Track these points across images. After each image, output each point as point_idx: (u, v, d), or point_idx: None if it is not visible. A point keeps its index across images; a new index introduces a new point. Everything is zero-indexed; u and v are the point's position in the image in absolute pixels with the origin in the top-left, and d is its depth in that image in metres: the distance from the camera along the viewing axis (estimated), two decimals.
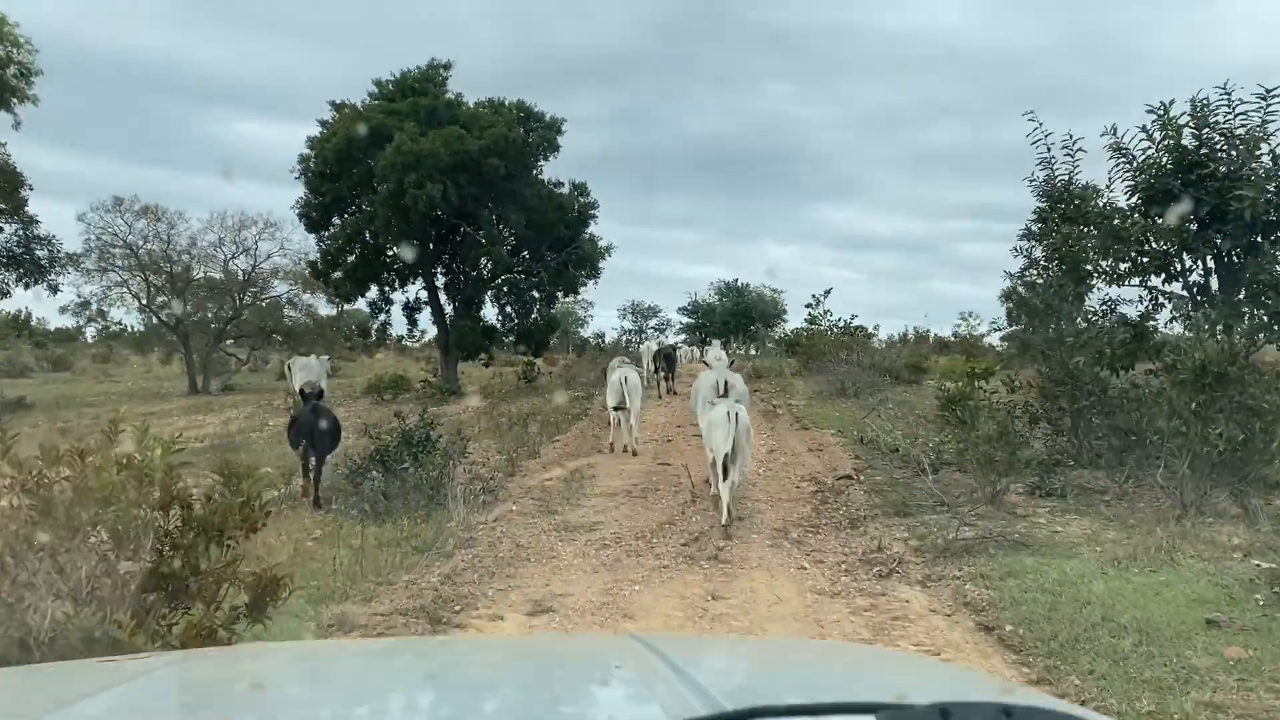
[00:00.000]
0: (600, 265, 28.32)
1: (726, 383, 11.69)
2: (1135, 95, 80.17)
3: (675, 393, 25.57)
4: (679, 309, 60.29)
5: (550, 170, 28.42)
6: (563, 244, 27.83)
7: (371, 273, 27.69)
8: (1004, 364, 17.95)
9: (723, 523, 9.11)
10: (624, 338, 64.94)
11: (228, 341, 40.70)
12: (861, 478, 12.23)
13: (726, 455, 9.19)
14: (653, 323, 67.13)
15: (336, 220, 27.88)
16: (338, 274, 27.51)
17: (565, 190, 27.91)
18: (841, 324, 36.61)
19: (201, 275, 36.11)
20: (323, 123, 27.74)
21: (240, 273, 37.26)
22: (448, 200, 25.76)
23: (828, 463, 13.61)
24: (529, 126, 26.70)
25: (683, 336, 56.61)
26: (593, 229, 28.41)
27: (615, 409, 14.82)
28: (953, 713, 0.82)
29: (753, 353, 53.81)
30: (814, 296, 37.45)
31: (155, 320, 37.14)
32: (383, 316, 30.21)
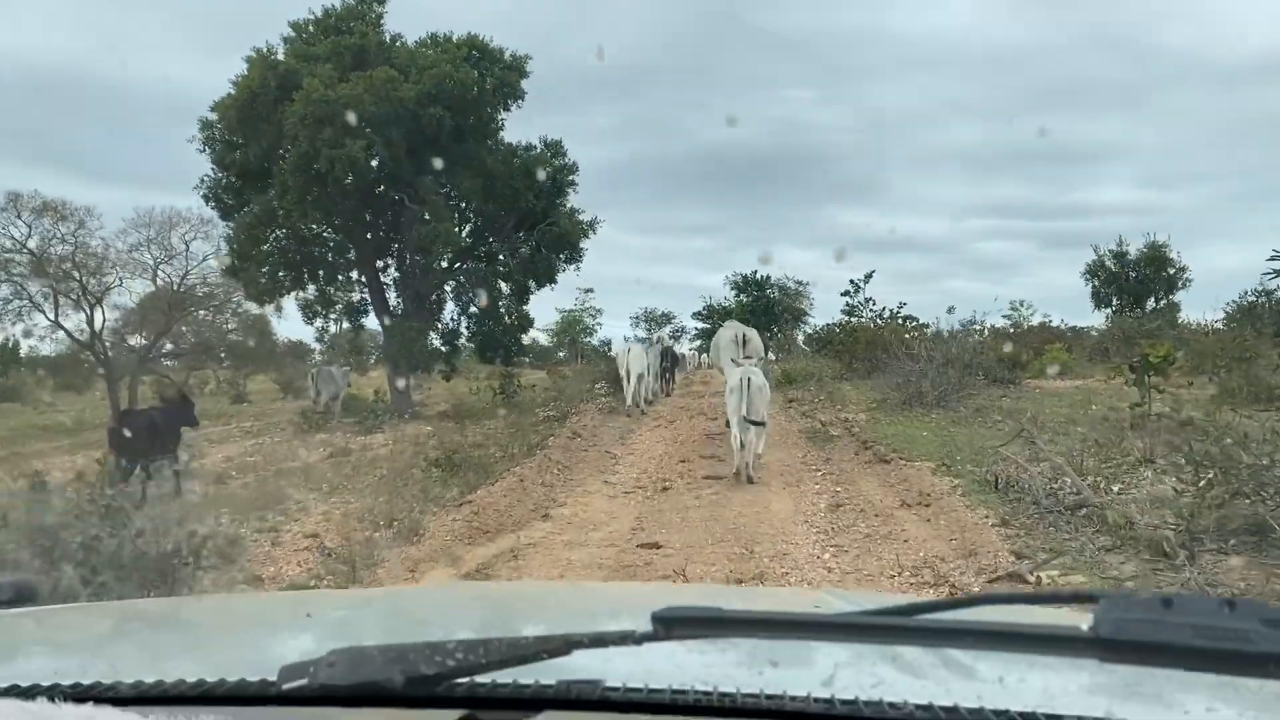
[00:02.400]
0: (582, 246, 22.14)
1: (745, 336, 13.34)
2: (1154, 87, 75.17)
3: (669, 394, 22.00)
4: (693, 314, 54.68)
5: (519, 130, 22.28)
6: (533, 220, 21.68)
7: (291, 266, 21.64)
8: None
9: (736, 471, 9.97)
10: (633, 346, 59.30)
11: (167, 362, 35.08)
12: (1043, 577, 6.00)
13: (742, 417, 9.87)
14: (667, 329, 62.30)
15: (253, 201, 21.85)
16: (251, 269, 21.49)
17: (535, 151, 21.73)
18: (887, 314, 30.28)
19: (119, 282, 30.37)
20: (234, 81, 21.74)
21: (171, 280, 31.56)
22: (376, 163, 19.71)
23: (952, 535, 7.34)
24: (483, 68, 20.59)
25: (698, 343, 51.24)
26: (571, 200, 22.23)
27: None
28: (1175, 602, 0.76)
29: (773, 357, 47.48)
30: (852, 283, 31.19)
31: (70, 339, 31.52)
32: (319, 321, 24.18)
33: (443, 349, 23.12)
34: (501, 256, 21.86)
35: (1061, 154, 73.77)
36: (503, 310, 21.91)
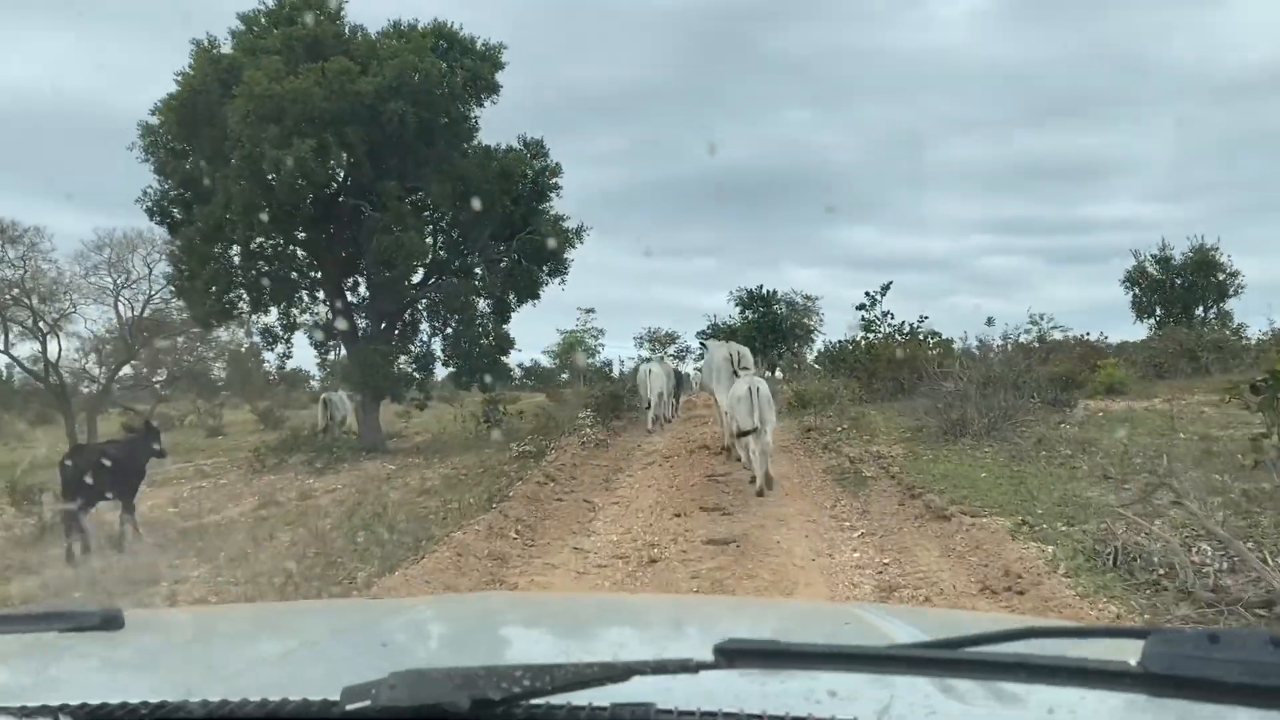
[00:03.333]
0: (567, 256, 19.68)
1: (739, 354, 12.29)
2: (1155, 100, 74.78)
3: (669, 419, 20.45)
4: (697, 333, 52.62)
5: (498, 132, 19.89)
6: (512, 229, 19.27)
7: (248, 286, 19.23)
8: None
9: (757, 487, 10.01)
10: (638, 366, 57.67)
11: (135, 393, 32.73)
12: None
13: (755, 430, 10.04)
14: (671, 349, 60.76)
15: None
16: (199, 289, 19.09)
17: (513, 152, 19.33)
18: (906, 329, 27.75)
19: (72, 308, 27.99)
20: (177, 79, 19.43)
21: (132, 306, 29.21)
22: (330, 166, 17.34)
23: None
24: (452, 59, 18.25)
25: (702, 363, 48.73)
26: (555, 205, 19.81)
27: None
28: (1221, 637, 0.80)
29: (780, 375, 44.90)
30: (868, 295, 28.68)
31: (21, 370, 29.17)
32: (280, 346, 21.72)
33: (415, 375, 20.66)
34: (479, 270, 19.40)
35: (1064, 169, 73.32)
36: (479, 330, 19.41)
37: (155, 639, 1.69)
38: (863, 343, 27.42)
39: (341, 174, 18.41)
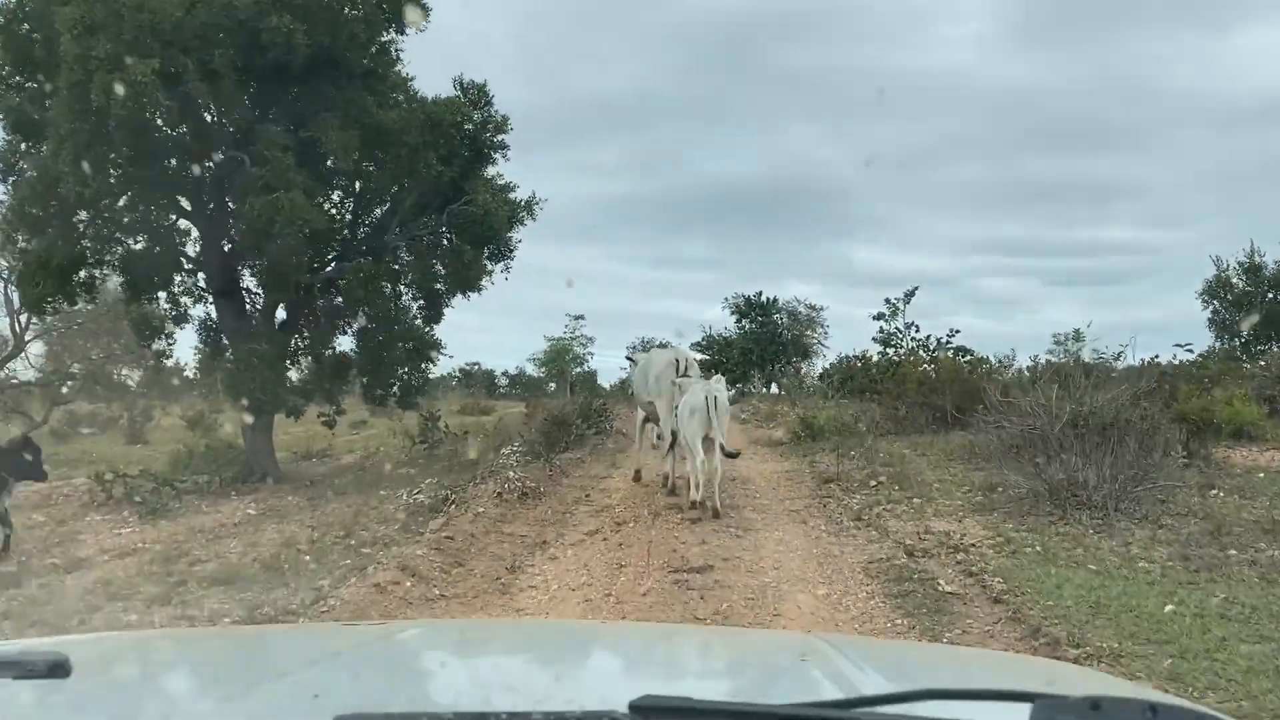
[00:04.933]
0: (513, 236, 15.11)
1: (687, 362, 10.98)
2: (1154, 128, 74.08)
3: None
4: (692, 345, 48.61)
5: (433, 76, 15.19)
6: (445, 197, 14.74)
7: (84, 260, 14.67)
8: None
9: (694, 500, 9.16)
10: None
11: (28, 393, 28.11)
12: None
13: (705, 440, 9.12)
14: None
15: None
16: (31, 262, 14.56)
17: (445, 98, 14.77)
18: (933, 344, 23.29)
19: None
20: None
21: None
22: (185, 99, 12.85)
23: None
24: None
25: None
26: (500, 169, 15.29)
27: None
28: (1103, 704, 0.83)
29: (775, 391, 40.40)
30: (888, 303, 24.18)
31: None
32: (160, 342, 17.15)
33: (317, 383, 16.11)
34: (401, 249, 14.85)
35: (1065, 192, 71.99)
36: (394, 329, 14.85)
37: (106, 687, 1.65)
38: (879, 359, 23.05)
39: (210, 114, 13.89)
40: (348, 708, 0.98)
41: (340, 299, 14.90)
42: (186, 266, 15.81)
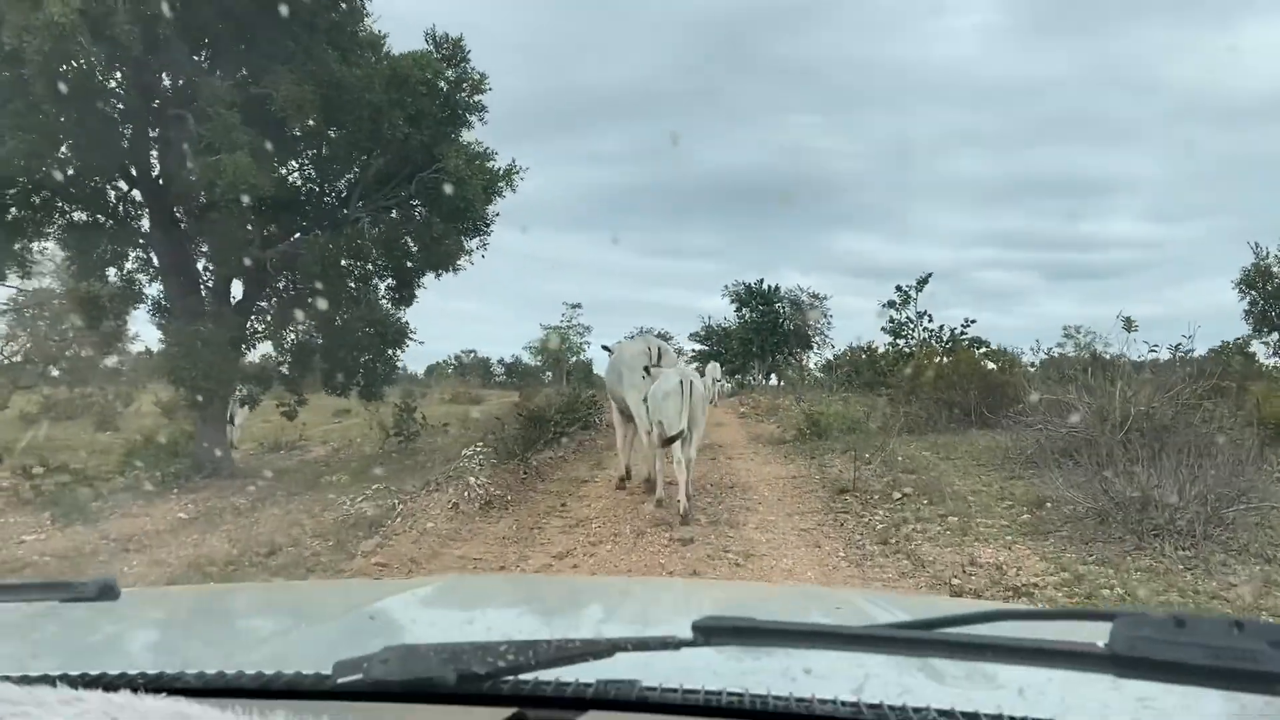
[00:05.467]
0: (490, 210, 13.57)
1: (660, 350, 9.95)
2: (1158, 121, 73.67)
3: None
4: (690, 334, 47.49)
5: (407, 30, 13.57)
6: (414, 165, 13.19)
7: (13, 228, 13.14)
8: None
9: (675, 502, 8.16)
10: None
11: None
12: None
13: (681, 433, 8.13)
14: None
15: None
16: None
17: (415, 53, 13.18)
18: (947, 334, 21.76)
19: None
20: None
21: None
22: (112, 44, 11.30)
23: None
24: None
25: (694, 365, 43.49)
26: (477, 135, 13.72)
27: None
28: (1187, 622, 0.81)
29: (774, 381, 38.88)
30: (900, 290, 22.63)
31: None
32: (113, 321, 15.67)
33: (282, 370, 14.61)
34: (364, 222, 13.29)
35: (1066, 186, 71.77)
36: (354, 311, 13.29)
37: (152, 612, 1.71)
38: (889, 350, 21.53)
39: (153, 68, 12.33)
40: (406, 636, 1.04)
41: (298, 276, 13.36)
42: (139, 240, 14.30)
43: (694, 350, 48.09)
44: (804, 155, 76.09)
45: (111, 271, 14.63)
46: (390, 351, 13.65)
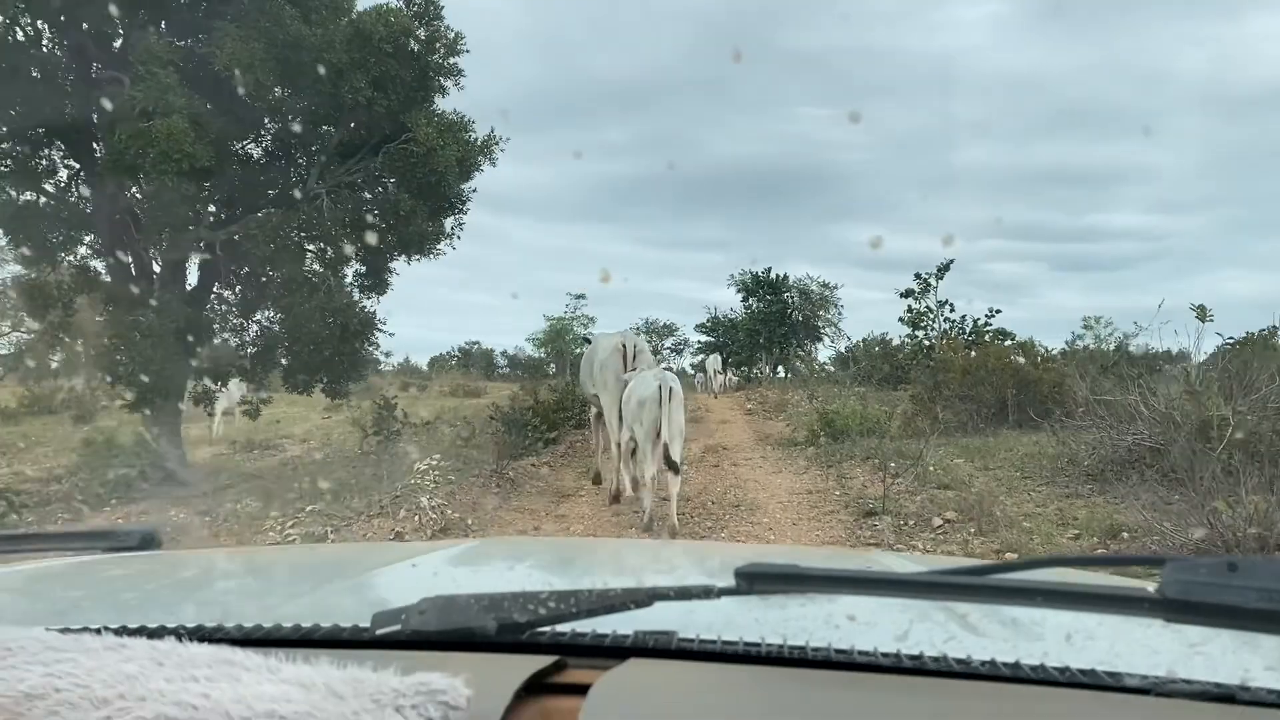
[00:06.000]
0: (467, 188, 12.09)
1: (635, 347, 8.83)
2: (1168, 113, 72.82)
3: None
4: (696, 326, 46.26)
5: None
6: (382, 134, 11.70)
7: None
8: None
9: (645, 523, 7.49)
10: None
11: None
12: None
13: (659, 439, 7.36)
14: (668, 342, 55.35)
15: None
16: None
17: (381, 7, 11.65)
18: (970, 325, 20.24)
19: None
20: None
21: None
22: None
23: None
24: None
25: (700, 358, 42.78)
26: (451, 100, 12.23)
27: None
28: (1240, 565, 0.79)
29: (780, 374, 37.38)
30: (919, 278, 21.06)
31: None
32: (56, 312, 14.21)
33: (242, 366, 13.17)
34: (322, 198, 11.80)
35: (1073, 177, 71.30)
36: (314, 299, 11.80)
37: (191, 570, 1.71)
38: (909, 342, 20.04)
39: (78, 20, 10.88)
40: (444, 588, 0.95)
41: (252, 261, 11.88)
42: (82, 221, 12.87)
43: (700, 341, 46.78)
44: (812, 146, 75.02)
45: (63, 257, 13.26)
46: (357, 345, 12.18)
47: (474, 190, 12.14)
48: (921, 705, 0.85)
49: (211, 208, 11.75)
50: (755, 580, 0.90)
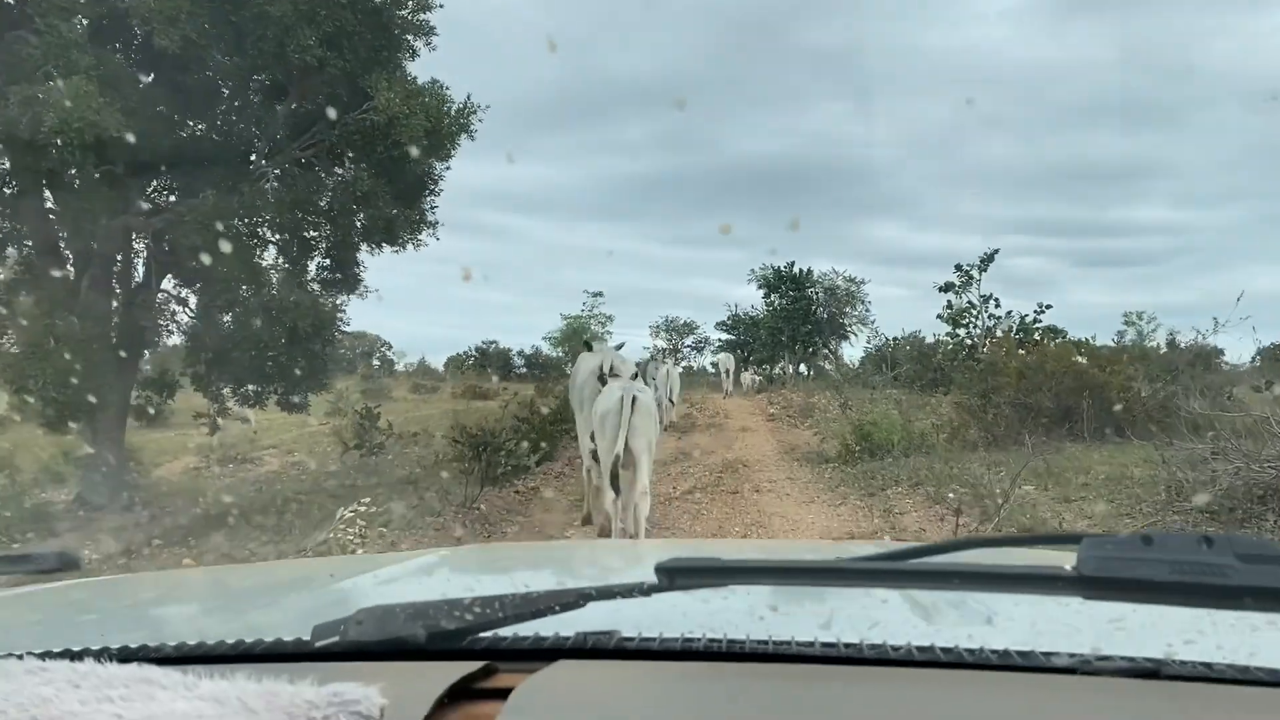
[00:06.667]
0: (441, 167, 10.32)
1: (612, 365, 7.81)
2: (1193, 106, 71.07)
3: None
4: (716, 324, 44.75)
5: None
6: (342, 105, 9.95)
7: None
8: None
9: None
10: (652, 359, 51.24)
11: None
12: None
13: (618, 458, 6.50)
14: (688, 340, 54.38)
15: None
16: None
17: None
18: (1016, 323, 18.27)
19: None
20: None
21: None
22: None
23: None
24: None
25: (721, 355, 41.34)
26: (426, 68, 10.46)
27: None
28: (1154, 539, 0.80)
29: (803, 371, 35.49)
30: (960, 269, 19.09)
31: None
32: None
33: (199, 370, 11.45)
34: (268, 178, 10.05)
35: (1097, 171, 70.27)
36: (267, 298, 10.05)
37: (120, 591, 1.68)
38: (950, 341, 18.11)
39: None
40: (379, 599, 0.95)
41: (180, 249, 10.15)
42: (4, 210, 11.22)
43: (720, 340, 45.23)
44: (831, 143, 73.73)
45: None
46: (315, 348, 10.41)
47: (447, 169, 10.36)
48: (843, 692, 0.86)
49: (151, 192, 10.05)
50: (676, 575, 0.90)
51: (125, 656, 0.89)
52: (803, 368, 37.32)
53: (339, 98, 9.91)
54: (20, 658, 0.78)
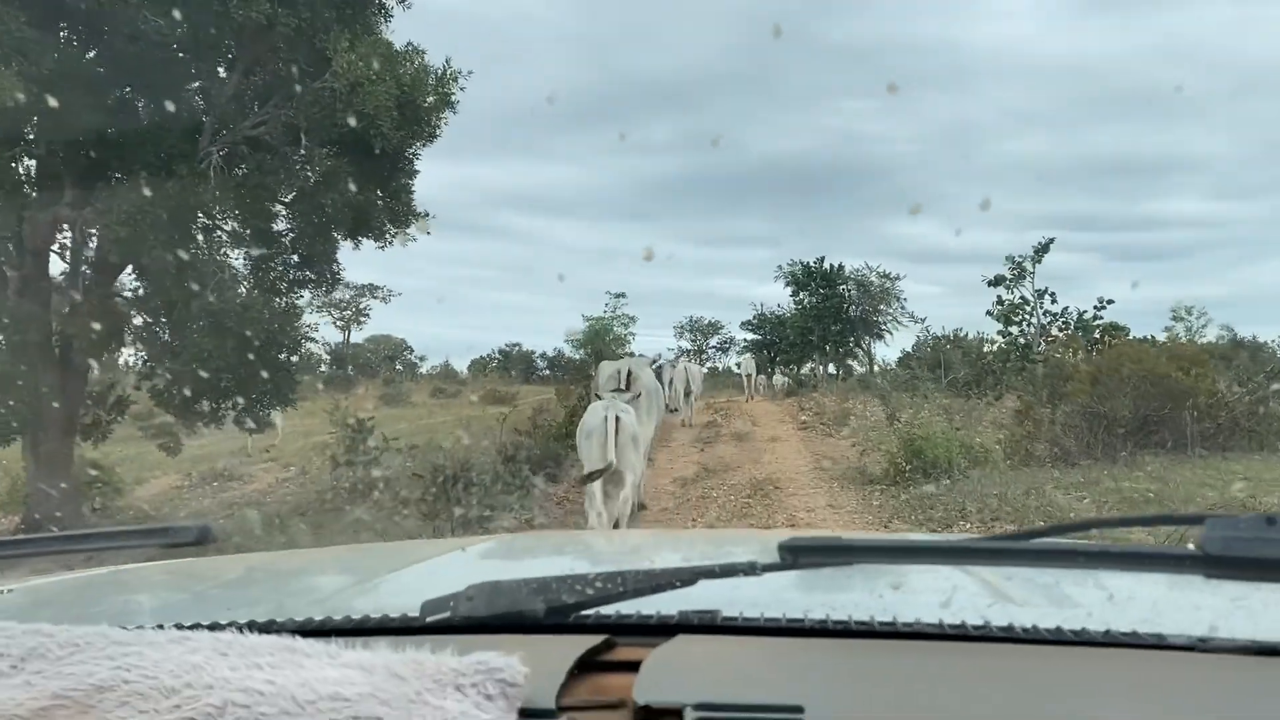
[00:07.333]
0: (413, 154, 8.85)
1: (629, 372, 8.58)
2: (1223, 98, 69.62)
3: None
4: (742, 323, 43.50)
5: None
6: (303, 74, 8.51)
7: None
8: None
9: None
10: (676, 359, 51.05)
11: None
12: None
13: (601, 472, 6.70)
14: (713, 340, 53.90)
15: None
16: None
17: None
18: (1076, 320, 16.51)
19: None
20: None
21: None
22: None
23: None
24: None
25: (747, 355, 40.16)
26: (396, 31, 8.96)
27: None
28: (1277, 519, 0.78)
29: (832, 372, 33.79)
30: (1011, 261, 17.33)
31: None
32: None
33: (158, 383, 10.07)
34: (212, 160, 8.62)
35: (1129, 165, 69.40)
36: (204, 303, 8.60)
37: (239, 569, 1.75)
38: (1003, 340, 16.39)
39: None
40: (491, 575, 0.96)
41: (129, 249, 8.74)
42: None
43: (745, 340, 44.00)
44: (856, 140, 72.58)
45: None
46: (274, 355, 8.96)
47: (422, 146, 8.86)
48: (967, 669, 0.86)
49: (80, 179, 8.65)
50: (799, 554, 0.92)
51: (259, 628, 0.86)
52: (833, 368, 35.65)
53: (295, 63, 8.44)
54: (161, 627, 0.80)
